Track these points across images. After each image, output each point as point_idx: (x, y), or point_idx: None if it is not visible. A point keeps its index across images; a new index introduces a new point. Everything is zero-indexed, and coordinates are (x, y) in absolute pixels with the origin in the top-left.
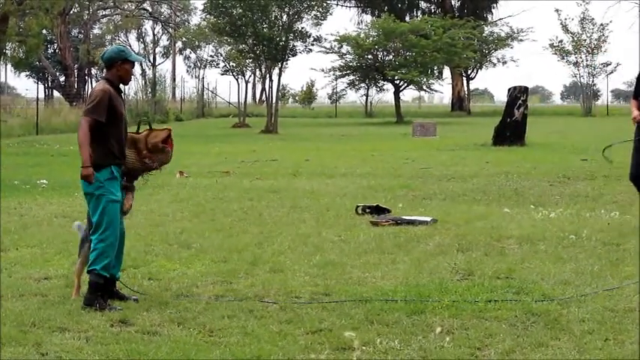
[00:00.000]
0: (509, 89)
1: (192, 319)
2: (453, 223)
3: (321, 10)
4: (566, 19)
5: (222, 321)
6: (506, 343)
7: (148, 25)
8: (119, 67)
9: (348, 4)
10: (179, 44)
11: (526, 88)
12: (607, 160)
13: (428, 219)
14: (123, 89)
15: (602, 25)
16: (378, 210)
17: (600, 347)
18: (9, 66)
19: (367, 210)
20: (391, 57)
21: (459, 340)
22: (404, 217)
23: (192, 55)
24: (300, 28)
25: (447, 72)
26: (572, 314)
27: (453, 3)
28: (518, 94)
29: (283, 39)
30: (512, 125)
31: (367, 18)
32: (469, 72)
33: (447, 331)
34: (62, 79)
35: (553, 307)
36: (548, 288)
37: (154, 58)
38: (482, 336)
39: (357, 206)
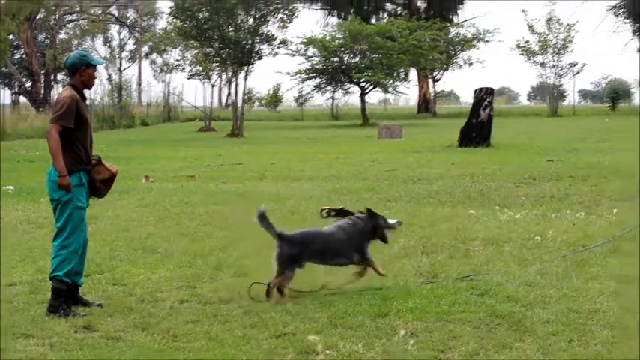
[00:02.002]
0: (475, 90)
1: (157, 324)
2: (418, 226)
3: (287, 13)
4: (532, 19)
5: (186, 326)
6: (470, 345)
7: (114, 29)
8: (82, 72)
9: (315, 7)
10: (145, 48)
11: (492, 90)
12: None
13: (394, 221)
14: (88, 94)
15: (568, 25)
16: (343, 213)
17: (564, 348)
18: None
19: (332, 213)
20: (357, 59)
21: (422, 343)
22: None
23: (159, 60)
24: (266, 32)
25: (413, 74)
26: (536, 316)
27: (419, 5)
28: (484, 96)
29: (249, 42)
30: (477, 127)
31: (334, 20)
32: (435, 74)
33: (411, 334)
34: (29, 84)
35: (517, 309)
36: (513, 289)
37: (121, 63)
38: (446, 338)
39: (322, 209)
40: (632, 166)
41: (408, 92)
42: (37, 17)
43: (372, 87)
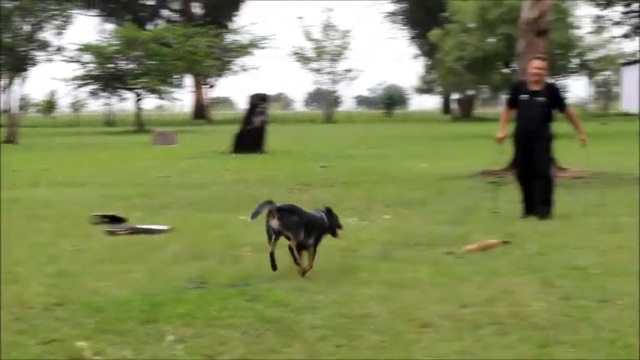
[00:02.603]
0: (249, 97)
1: None
2: (190, 232)
3: (63, 19)
4: (309, 26)
5: None
6: (239, 350)
7: None
8: None
9: (91, 13)
10: None
11: (266, 96)
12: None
13: (164, 227)
14: None
15: (344, 32)
16: (114, 219)
17: (333, 353)
18: None
19: (104, 219)
20: (133, 66)
21: (191, 349)
22: (140, 226)
23: None
24: (42, 38)
25: (189, 80)
26: (305, 321)
27: (195, 11)
28: (257, 102)
29: (25, 49)
30: (251, 133)
31: (110, 27)
32: (211, 80)
33: (180, 340)
34: None
35: (287, 314)
36: (283, 295)
37: None
38: (215, 344)
39: (94, 215)
40: (405, 171)
41: (183, 99)
42: None
43: (147, 93)
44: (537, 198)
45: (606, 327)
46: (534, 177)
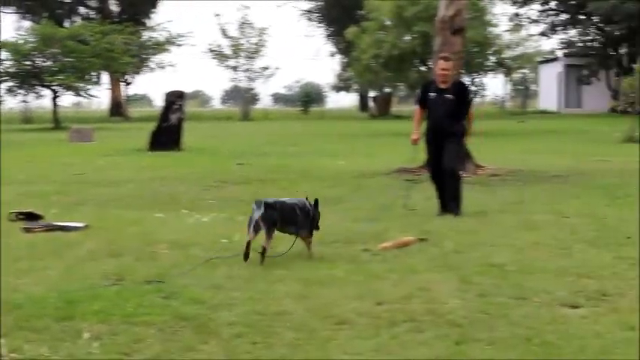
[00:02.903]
0: (165, 94)
1: None
2: (106, 229)
3: None
4: (225, 23)
5: None
6: (155, 347)
7: None
8: None
9: (8, 10)
10: None
11: (182, 93)
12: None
13: (80, 225)
14: None
15: (261, 29)
16: (31, 216)
17: (249, 350)
18: None
19: (20, 216)
20: (49, 63)
21: (107, 346)
22: (56, 223)
23: None
24: None
25: (106, 77)
26: (221, 318)
27: (112, 8)
28: (174, 99)
29: None
30: (168, 130)
31: (27, 24)
32: (127, 77)
33: (96, 337)
34: None
35: (203, 311)
36: (199, 292)
37: None
38: (130, 341)
39: (10, 212)
40: (321, 169)
41: (100, 96)
42: None
43: (64, 90)
44: (448, 195)
45: (523, 324)
46: (443, 174)
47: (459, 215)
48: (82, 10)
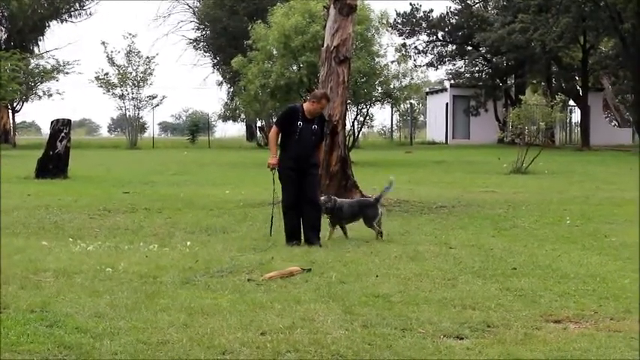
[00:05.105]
0: (51, 122)
1: None
2: None
3: None
4: (112, 51)
5: None
6: None
7: None
8: None
9: None
10: None
11: (69, 121)
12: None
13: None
14: None
15: (148, 57)
16: None
17: None
18: None
19: None
20: None
21: None
22: None
23: None
24: None
25: None
26: (104, 347)
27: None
28: (60, 127)
29: None
30: (55, 158)
31: None
32: (15, 105)
33: None
34: None
35: (86, 340)
36: (83, 321)
37: None
38: None
39: None
40: (207, 198)
41: None
42: None
43: None
44: (307, 225)
45: (407, 355)
46: (304, 203)
47: (319, 245)
48: None
